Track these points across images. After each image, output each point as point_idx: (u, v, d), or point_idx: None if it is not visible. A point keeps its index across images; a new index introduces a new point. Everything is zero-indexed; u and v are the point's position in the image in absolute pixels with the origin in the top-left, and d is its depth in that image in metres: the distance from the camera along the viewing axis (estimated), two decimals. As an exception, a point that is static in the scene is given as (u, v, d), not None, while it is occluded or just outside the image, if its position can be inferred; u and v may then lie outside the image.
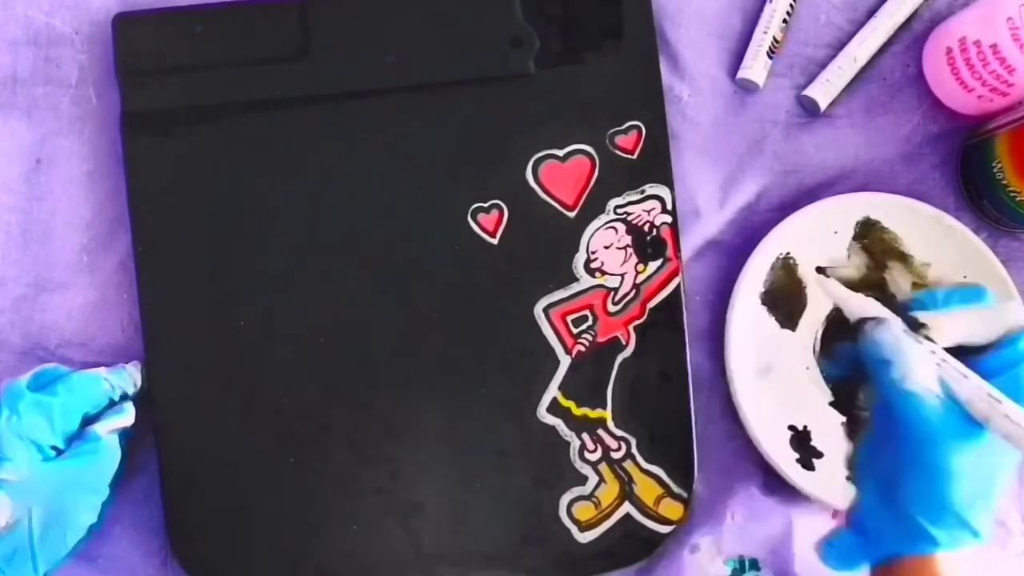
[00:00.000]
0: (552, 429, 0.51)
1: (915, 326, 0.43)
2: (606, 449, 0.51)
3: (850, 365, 0.45)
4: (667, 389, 0.52)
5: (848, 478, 0.45)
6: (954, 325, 0.43)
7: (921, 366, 0.41)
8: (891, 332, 0.42)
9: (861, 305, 0.44)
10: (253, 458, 0.50)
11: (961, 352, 0.43)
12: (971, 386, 0.41)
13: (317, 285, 0.51)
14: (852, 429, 0.52)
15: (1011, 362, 0.42)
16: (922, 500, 0.42)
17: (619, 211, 0.52)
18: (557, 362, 0.51)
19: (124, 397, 0.49)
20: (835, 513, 0.52)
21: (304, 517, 0.50)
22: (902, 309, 0.44)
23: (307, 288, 0.51)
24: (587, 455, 0.51)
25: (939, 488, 0.41)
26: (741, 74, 0.53)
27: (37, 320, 0.52)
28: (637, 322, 0.52)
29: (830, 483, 0.51)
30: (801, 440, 0.52)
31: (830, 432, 0.51)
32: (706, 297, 0.53)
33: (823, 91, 0.53)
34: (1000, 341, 0.43)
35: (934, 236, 0.53)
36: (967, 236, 0.52)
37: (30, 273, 0.52)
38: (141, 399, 0.50)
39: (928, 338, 0.42)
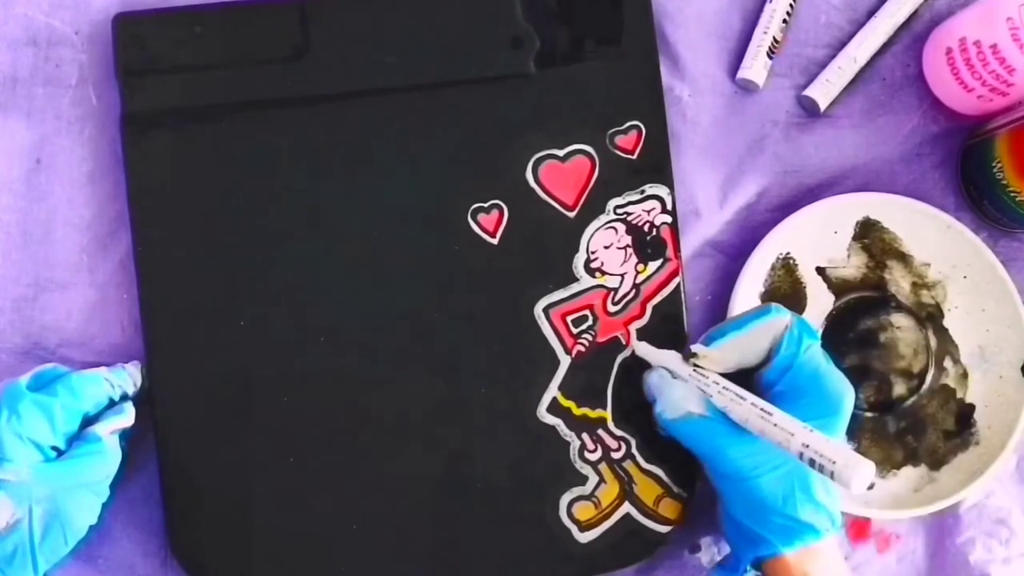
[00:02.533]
0: (552, 429, 0.51)
1: (689, 357, 0.48)
2: (606, 449, 0.51)
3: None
4: (667, 389, 0.52)
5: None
6: (724, 353, 0.47)
7: (680, 395, 0.47)
8: (656, 375, 0.48)
9: (655, 357, 0.49)
10: (253, 458, 0.50)
11: (746, 374, 0.48)
12: (746, 407, 0.45)
13: (317, 285, 0.51)
14: (852, 429, 0.52)
15: (784, 367, 0.47)
16: (740, 506, 0.46)
17: (619, 211, 0.52)
18: (557, 362, 0.51)
19: (124, 397, 0.49)
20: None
21: (304, 517, 0.50)
22: (687, 344, 0.49)
23: (307, 288, 0.51)
24: (587, 455, 0.51)
25: (743, 491, 0.45)
26: (741, 74, 0.53)
27: (37, 320, 0.52)
28: (637, 322, 0.52)
29: (830, 483, 0.51)
30: (801, 440, 0.52)
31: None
32: (706, 297, 0.53)
33: (823, 91, 0.53)
34: (771, 352, 0.47)
35: (934, 236, 0.53)
36: (967, 236, 0.52)
37: (30, 273, 0.52)
38: (141, 399, 0.50)
39: (698, 367, 0.47)
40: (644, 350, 0.50)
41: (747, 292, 0.52)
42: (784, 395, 0.46)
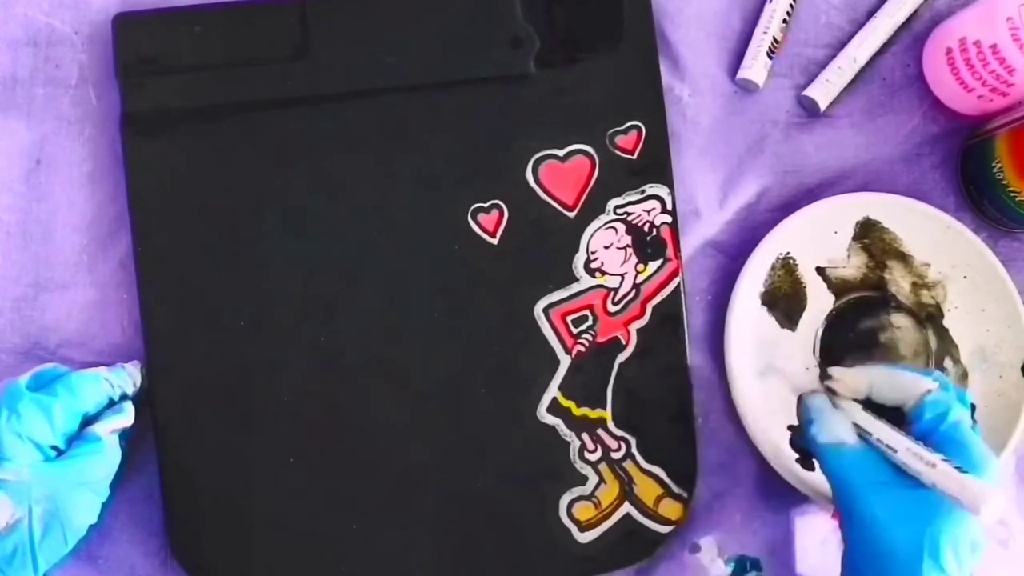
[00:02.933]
0: (552, 429, 0.51)
1: (824, 377, 0.47)
2: (606, 449, 0.51)
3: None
4: (667, 389, 0.52)
5: None
6: (858, 378, 0.46)
7: (837, 423, 0.45)
8: (819, 398, 0.47)
9: (806, 387, 0.48)
10: (253, 458, 0.50)
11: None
12: (910, 456, 0.43)
13: (316, 285, 0.51)
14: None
15: (929, 431, 0.44)
16: (863, 555, 0.43)
17: (619, 211, 0.52)
18: (557, 362, 0.51)
19: (124, 397, 0.49)
20: (835, 513, 0.52)
21: (304, 517, 0.50)
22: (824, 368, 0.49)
23: (306, 288, 0.51)
24: (587, 455, 0.51)
25: (871, 539, 0.43)
26: (741, 74, 0.53)
27: (37, 320, 0.52)
28: (637, 322, 0.52)
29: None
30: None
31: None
32: (706, 297, 0.53)
33: (823, 91, 0.53)
34: (907, 408, 0.45)
35: (934, 236, 0.53)
36: (967, 236, 0.52)
37: (30, 273, 0.52)
38: (141, 399, 0.50)
39: (831, 389, 0.46)
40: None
41: (747, 292, 0.52)
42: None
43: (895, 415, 0.46)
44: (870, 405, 0.46)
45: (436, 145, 0.52)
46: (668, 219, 0.52)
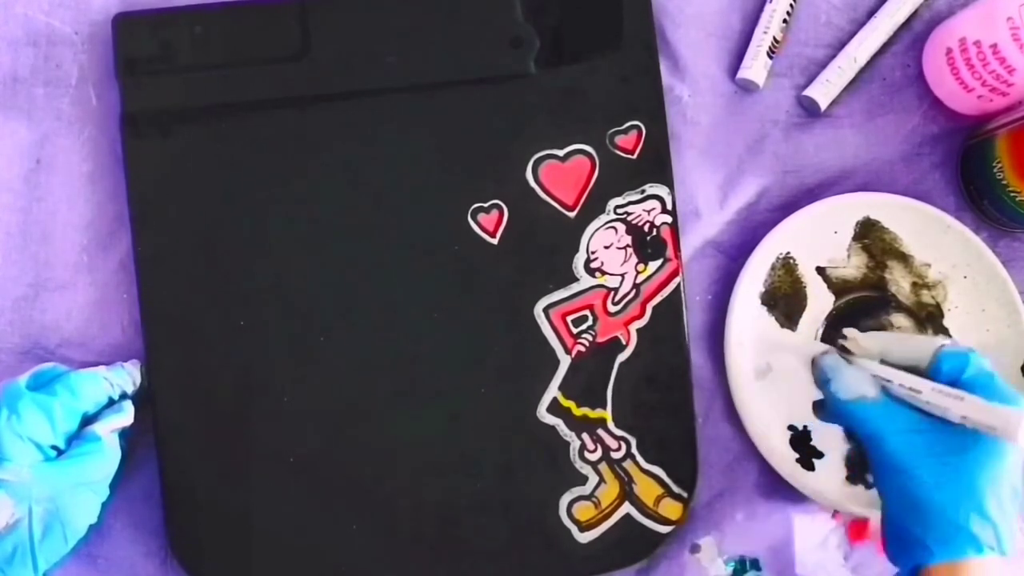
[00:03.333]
0: (552, 429, 0.51)
1: (838, 338, 0.48)
2: (606, 449, 0.51)
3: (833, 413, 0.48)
4: (667, 389, 0.52)
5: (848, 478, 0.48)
6: (871, 341, 0.47)
7: (855, 378, 0.45)
8: (832, 357, 0.47)
9: (815, 348, 0.49)
10: (253, 458, 0.50)
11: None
12: (935, 394, 0.43)
13: (316, 285, 0.51)
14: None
15: (951, 382, 0.44)
16: (900, 504, 0.43)
17: (619, 211, 0.52)
18: (557, 362, 0.51)
19: (123, 396, 0.49)
20: (835, 513, 0.52)
21: (304, 517, 0.50)
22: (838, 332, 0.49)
23: (306, 288, 0.51)
24: (587, 455, 0.51)
25: (906, 486, 0.43)
26: (741, 74, 0.53)
27: (37, 320, 0.52)
28: (637, 322, 0.52)
29: (830, 483, 0.51)
30: (801, 440, 0.52)
31: (830, 432, 0.51)
32: (706, 297, 0.53)
33: (823, 91, 0.53)
34: (932, 367, 0.45)
35: (934, 236, 0.53)
36: (967, 236, 0.52)
37: (30, 273, 0.52)
38: (141, 399, 0.50)
39: (845, 348, 0.47)
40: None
41: (747, 292, 0.52)
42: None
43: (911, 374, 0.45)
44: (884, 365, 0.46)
45: (436, 145, 0.52)
46: (668, 219, 0.52)
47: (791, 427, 0.52)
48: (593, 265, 0.52)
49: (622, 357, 0.52)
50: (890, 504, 0.44)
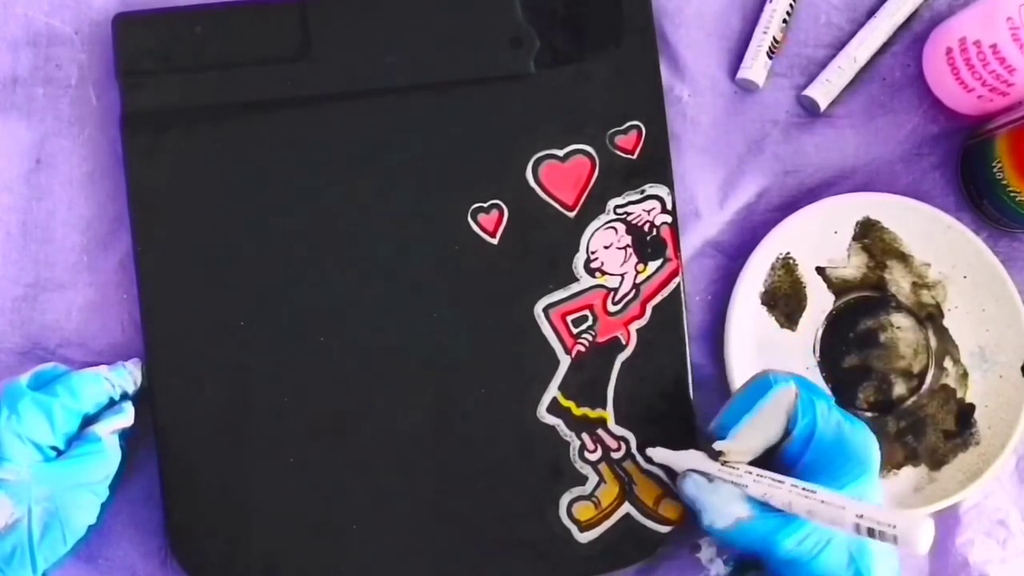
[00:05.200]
0: (552, 429, 0.51)
1: (715, 456, 0.46)
2: (606, 449, 0.51)
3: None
4: (667, 389, 0.52)
5: None
6: (747, 440, 0.46)
7: (722, 501, 0.45)
8: (692, 483, 0.46)
9: (674, 461, 0.48)
10: (253, 458, 0.50)
11: (768, 452, 0.46)
12: (785, 490, 0.43)
13: (316, 285, 0.51)
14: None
15: (805, 437, 0.45)
16: None
17: (619, 211, 0.52)
18: (557, 362, 0.51)
19: (124, 396, 0.49)
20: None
21: (304, 517, 0.50)
22: (708, 440, 0.47)
23: (306, 288, 0.51)
24: (587, 455, 0.51)
25: (808, 574, 0.44)
26: (741, 74, 0.53)
27: (37, 320, 0.52)
28: (637, 322, 0.52)
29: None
30: (801, 440, 0.51)
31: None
32: (706, 297, 0.53)
33: (823, 91, 0.53)
34: (789, 424, 0.45)
35: (934, 236, 0.53)
36: (967, 236, 0.52)
37: (30, 273, 0.52)
38: (141, 399, 0.50)
39: (726, 463, 0.46)
40: (662, 456, 0.49)
41: (747, 292, 0.52)
42: (813, 464, 0.45)
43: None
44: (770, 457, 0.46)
45: (436, 145, 0.52)
46: (668, 219, 0.52)
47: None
48: (593, 265, 0.52)
49: (622, 357, 0.52)
50: None
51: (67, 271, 0.52)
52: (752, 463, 0.46)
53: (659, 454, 0.49)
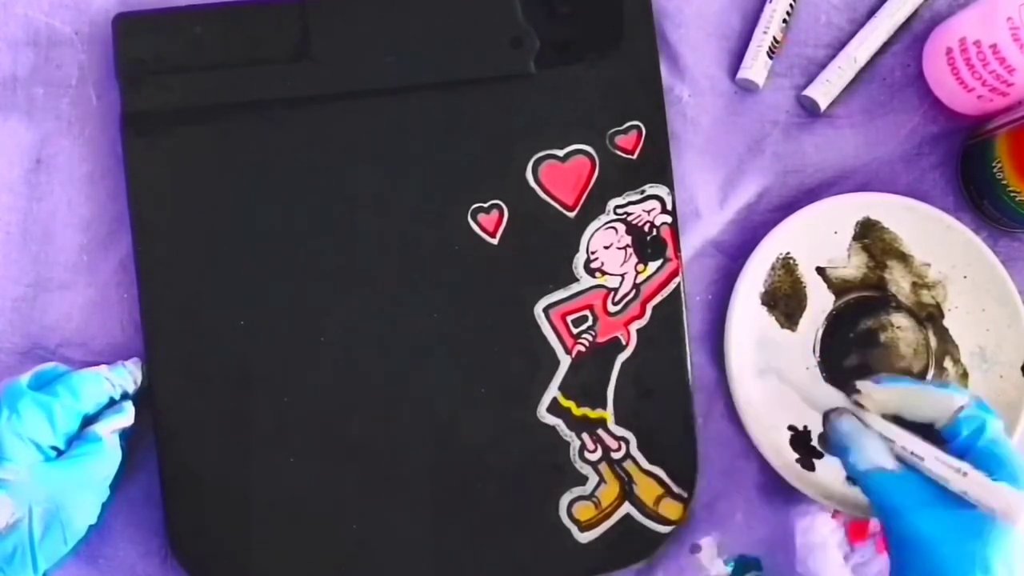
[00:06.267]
0: (552, 429, 0.51)
1: (852, 389, 0.46)
2: (606, 449, 0.51)
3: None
4: (667, 389, 0.52)
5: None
6: (887, 395, 0.46)
7: (873, 448, 0.44)
8: (848, 421, 0.46)
9: (824, 401, 0.48)
10: (253, 458, 0.50)
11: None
12: (937, 464, 0.43)
13: (317, 285, 0.51)
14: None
15: (964, 448, 0.44)
16: None
17: (619, 211, 0.52)
18: (557, 362, 0.51)
19: (124, 396, 0.49)
20: (835, 513, 0.52)
21: (304, 517, 0.50)
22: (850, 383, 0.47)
23: (306, 288, 0.51)
24: (587, 455, 0.51)
25: (921, 561, 0.42)
26: (741, 74, 0.53)
27: (37, 320, 0.52)
28: (637, 322, 0.52)
29: (830, 483, 0.51)
30: (801, 440, 0.52)
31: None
32: (706, 297, 0.53)
33: (823, 91, 0.53)
34: (942, 426, 0.45)
35: (934, 236, 0.53)
36: (967, 236, 0.52)
37: (30, 273, 0.52)
38: (141, 398, 0.50)
39: (857, 402, 0.46)
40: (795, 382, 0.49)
41: (747, 292, 0.52)
42: (977, 456, 0.44)
43: (927, 433, 0.45)
44: (899, 422, 0.45)
45: (436, 145, 0.52)
46: (668, 219, 0.52)
47: (791, 427, 0.52)
48: (593, 265, 0.52)
49: (622, 357, 0.52)
50: (902, 573, 0.43)
51: (67, 271, 0.52)
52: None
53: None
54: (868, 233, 0.53)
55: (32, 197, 0.52)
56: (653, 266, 0.52)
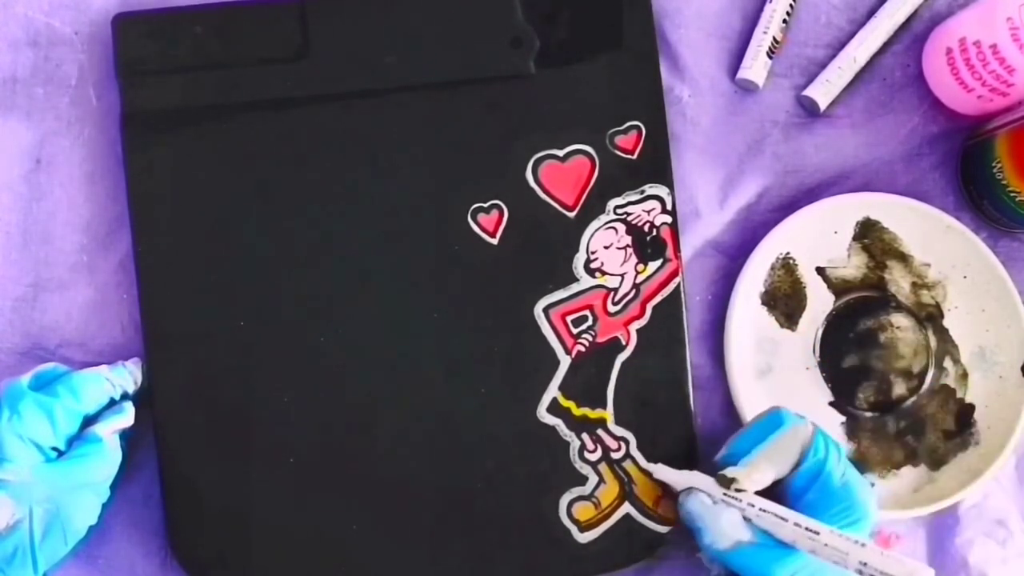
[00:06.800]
0: (552, 429, 0.51)
1: (726, 483, 0.46)
2: (606, 449, 0.51)
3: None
4: (667, 389, 0.52)
5: None
6: (760, 469, 0.46)
7: (728, 522, 0.45)
8: (697, 501, 0.47)
9: (677, 480, 0.49)
10: (253, 458, 0.50)
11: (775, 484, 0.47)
12: (789, 527, 0.44)
13: (317, 285, 0.51)
14: (851, 429, 0.52)
15: (814, 474, 0.46)
16: None
17: (619, 211, 0.52)
18: (557, 362, 0.51)
19: (124, 396, 0.49)
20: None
21: (304, 517, 0.50)
22: (716, 469, 0.47)
23: (306, 288, 0.51)
24: (587, 455, 0.51)
25: None
26: (741, 74, 0.53)
27: (37, 320, 0.52)
28: (637, 322, 0.52)
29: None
30: (801, 440, 0.52)
31: (829, 432, 0.51)
32: (706, 297, 0.53)
33: (823, 91, 0.53)
34: (800, 459, 0.46)
35: (934, 236, 0.53)
36: (967, 236, 0.52)
37: (30, 273, 0.52)
38: (141, 399, 0.50)
39: (738, 490, 0.46)
40: (663, 473, 0.49)
41: (747, 292, 0.52)
42: (815, 503, 0.46)
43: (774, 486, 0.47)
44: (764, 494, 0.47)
45: (436, 145, 0.52)
46: (668, 219, 0.52)
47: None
48: (593, 265, 0.52)
49: (622, 357, 0.52)
50: None
51: (67, 271, 0.52)
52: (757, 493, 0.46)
53: (660, 471, 0.49)
54: (868, 233, 0.53)
55: (32, 197, 0.52)
56: (653, 266, 0.52)
